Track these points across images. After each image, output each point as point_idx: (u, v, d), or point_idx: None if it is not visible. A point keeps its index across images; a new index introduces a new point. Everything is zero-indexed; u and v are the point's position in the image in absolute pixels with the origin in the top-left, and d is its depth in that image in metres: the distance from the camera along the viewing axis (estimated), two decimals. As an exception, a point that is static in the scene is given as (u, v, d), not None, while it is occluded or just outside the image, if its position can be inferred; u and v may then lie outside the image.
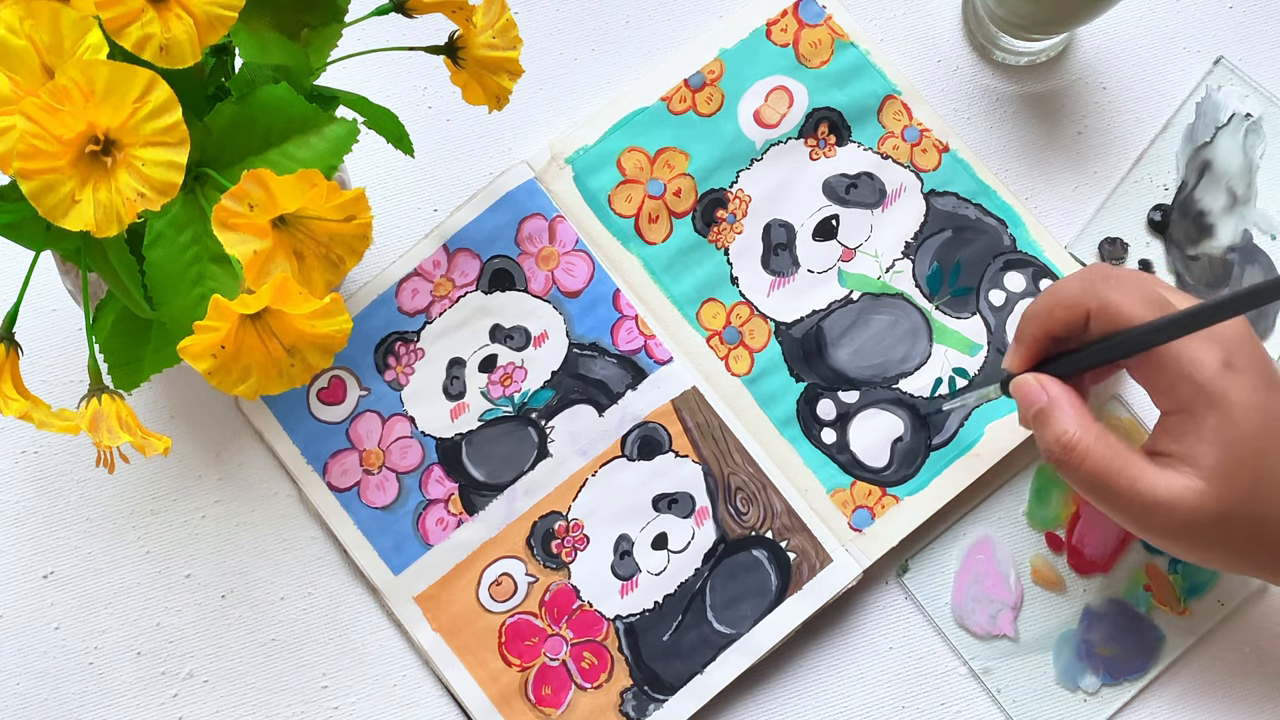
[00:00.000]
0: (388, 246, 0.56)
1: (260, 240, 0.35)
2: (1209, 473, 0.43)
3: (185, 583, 0.53)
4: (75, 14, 0.32)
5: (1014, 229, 0.56)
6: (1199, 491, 0.43)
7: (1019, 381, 0.47)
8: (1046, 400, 0.46)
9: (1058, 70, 0.59)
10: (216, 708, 0.52)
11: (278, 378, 0.37)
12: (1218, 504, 0.43)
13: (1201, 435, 0.43)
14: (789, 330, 0.55)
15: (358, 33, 0.48)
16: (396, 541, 0.53)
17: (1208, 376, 0.43)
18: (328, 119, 0.38)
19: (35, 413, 0.38)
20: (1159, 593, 0.54)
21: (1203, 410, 0.43)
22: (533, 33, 0.58)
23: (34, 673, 0.52)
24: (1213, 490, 0.43)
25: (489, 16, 0.45)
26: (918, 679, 0.53)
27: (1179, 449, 0.44)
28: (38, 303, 0.54)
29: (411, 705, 0.53)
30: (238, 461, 0.54)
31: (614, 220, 0.56)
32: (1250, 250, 0.56)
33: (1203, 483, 0.43)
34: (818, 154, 0.57)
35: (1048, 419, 0.45)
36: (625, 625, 0.52)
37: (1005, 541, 0.54)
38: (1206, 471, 0.43)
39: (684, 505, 0.53)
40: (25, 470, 0.54)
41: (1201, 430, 0.43)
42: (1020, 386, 0.47)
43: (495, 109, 0.47)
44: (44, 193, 0.32)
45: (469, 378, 0.54)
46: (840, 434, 0.54)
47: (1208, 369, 0.43)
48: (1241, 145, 0.57)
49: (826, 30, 0.58)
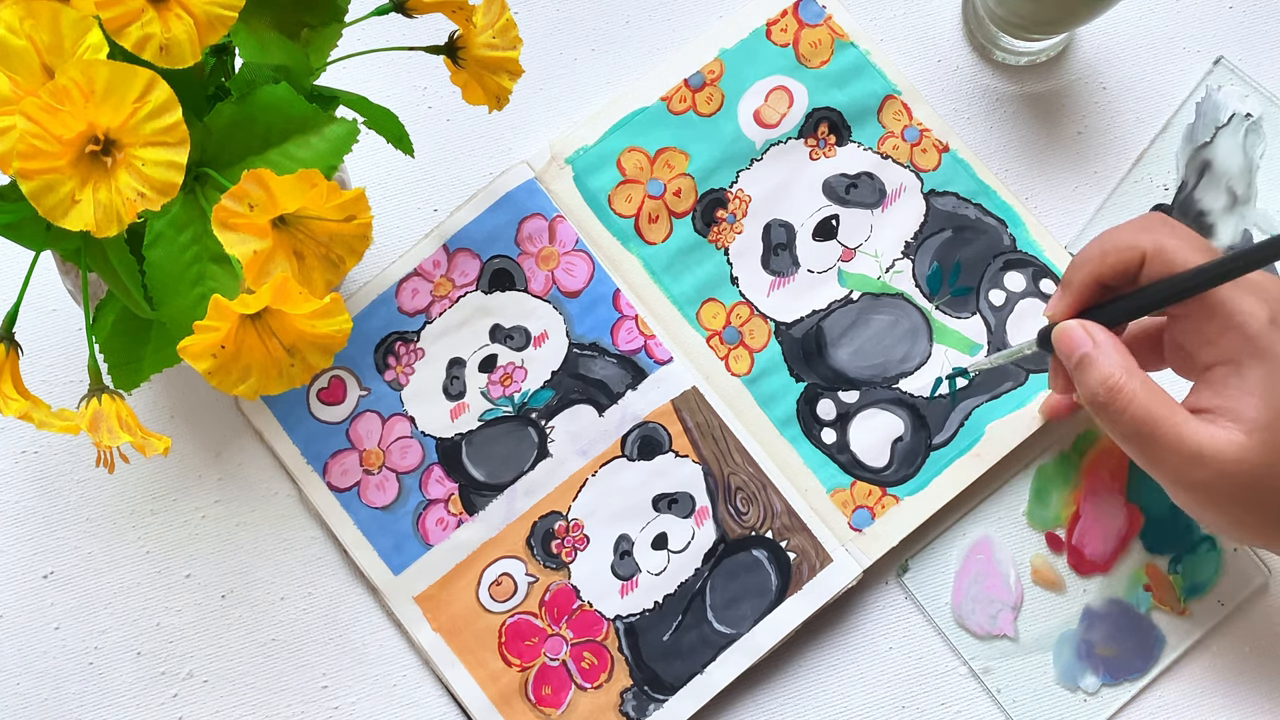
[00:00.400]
0: (388, 246, 0.56)
1: (260, 240, 0.35)
2: (1252, 425, 0.42)
3: (185, 583, 0.53)
4: (75, 14, 0.32)
5: (1014, 229, 0.56)
6: (1241, 445, 0.42)
7: (1063, 327, 0.46)
8: (1092, 345, 0.45)
9: (1058, 70, 0.59)
10: (216, 708, 0.52)
11: (278, 378, 0.37)
12: (1258, 458, 0.42)
13: (1247, 387, 0.43)
14: (789, 330, 0.55)
15: (358, 33, 0.48)
16: (396, 541, 0.53)
17: (1257, 329, 0.43)
18: (328, 119, 0.39)
19: (35, 413, 0.38)
20: (1159, 593, 0.54)
21: (1250, 362, 0.43)
22: (533, 33, 0.58)
23: (34, 673, 0.52)
24: (1255, 444, 0.42)
25: (489, 16, 0.45)
26: (918, 679, 0.53)
27: (1221, 402, 0.43)
28: (38, 303, 0.54)
29: (411, 705, 0.53)
30: (238, 461, 0.54)
31: (614, 220, 0.56)
32: (1250, 250, 0.56)
33: (1245, 436, 0.42)
34: (818, 154, 0.57)
35: (1093, 363, 0.44)
36: (625, 625, 0.52)
37: (1005, 541, 0.54)
38: (1249, 424, 0.43)
39: (684, 505, 0.53)
40: (25, 470, 0.54)
41: (1246, 382, 0.43)
42: (1064, 332, 0.46)
43: (495, 109, 0.47)
44: (44, 193, 0.32)
45: (469, 378, 0.54)
46: (840, 434, 0.54)
47: (1257, 321, 0.43)
48: (1241, 145, 0.57)
49: (826, 30, 0.58)
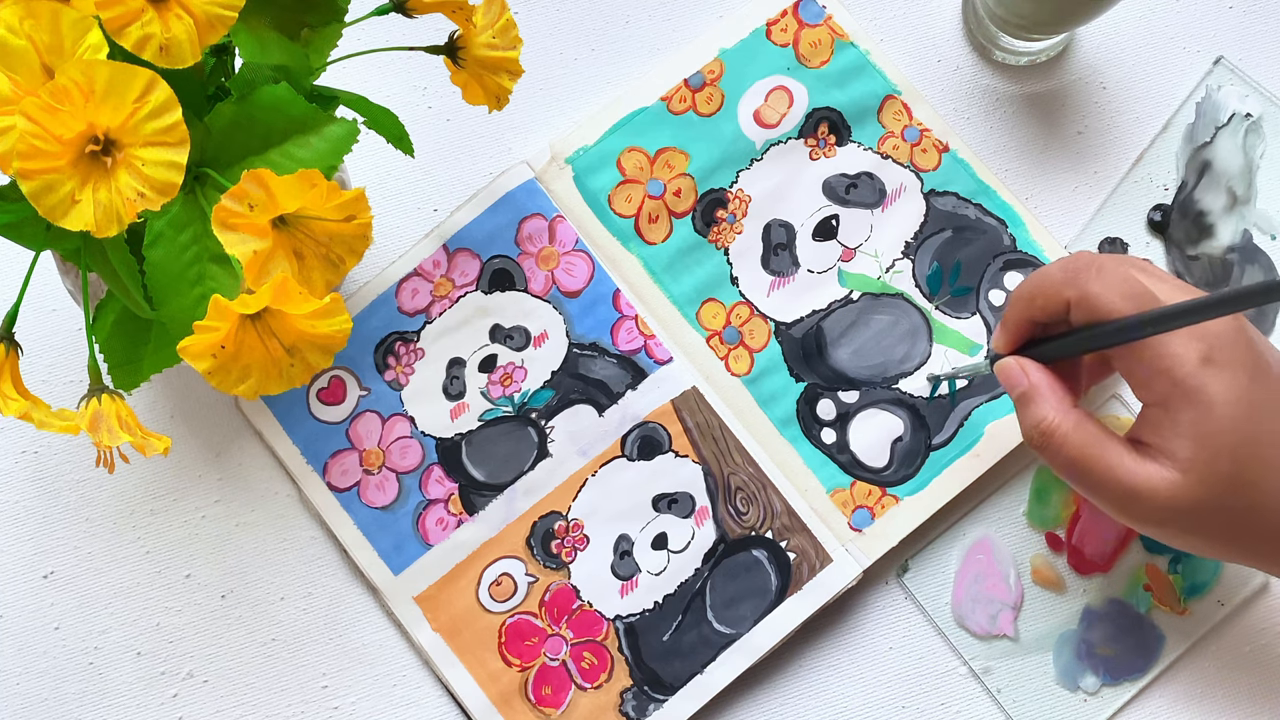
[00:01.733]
0: (388, 246, 0.56)
1: (260, 240, 0.35)
2: (1185, 465, 0.43)
3: (185, 583, 0.53)
4: (75, 14, 0.32)
5: (1014, 229, 0.56)
6: (1174, 483, 0.43)
7: (1002, 364, 0.48)
8: (1027, 385, 0.46)
9: (1058, 70, 0.59)
10: (216, 708, 0.52)
11: (278, 378, 0.37)
12: (1194, 496, 0.43)
13: (1178, 429, 0.43)
14: (789, 330, 0.55)
15: (358, 33, 0.48)
16: (396, 541, 0.53)
17: (1185, 372, 0.43)
18: (328, 119, 0.39)
19: (35, 413, 0.38)
20: (1159, 593, 0.54)
21: (1179, 405, 0.43)
22: (533, 33, 0.58)
23: (34, 673, 0.52)
24: (1188, 483, 0.43)
25: (489, 16, 0.45)
26: (918, 679, 0.53)
27: (1157, 440, 0.44)
28: (38, 303, 0.54)
29: (411, 705, 0.53)
30: (238, 461, 0.54)
31: (614, 220, 0.56)
32: (1250, 250, 0.56)
33: (1179, 475, 0.43)
34: (818, 154, 0.57)
35: (1028, 403, 0.46)
36: (625, 625, 0.52)
37: (1005, 541, 0.54)
38: (1183, 464, 0.43)
39: (684, 505, 0.53)
40: (25, 470, 0.54)
41: (1178, 424, 0.43)
42: (1003, 369, 0.48)
43: (495, 109, 0.47)
44: (44, 193, 0.32)
45: (469, 378, 0.54)
46: (840, 434, 0.54)
47: (1186, 364, 0.43)
48: (1241, 145, 0.57)
49: (826, 30, 0.58)
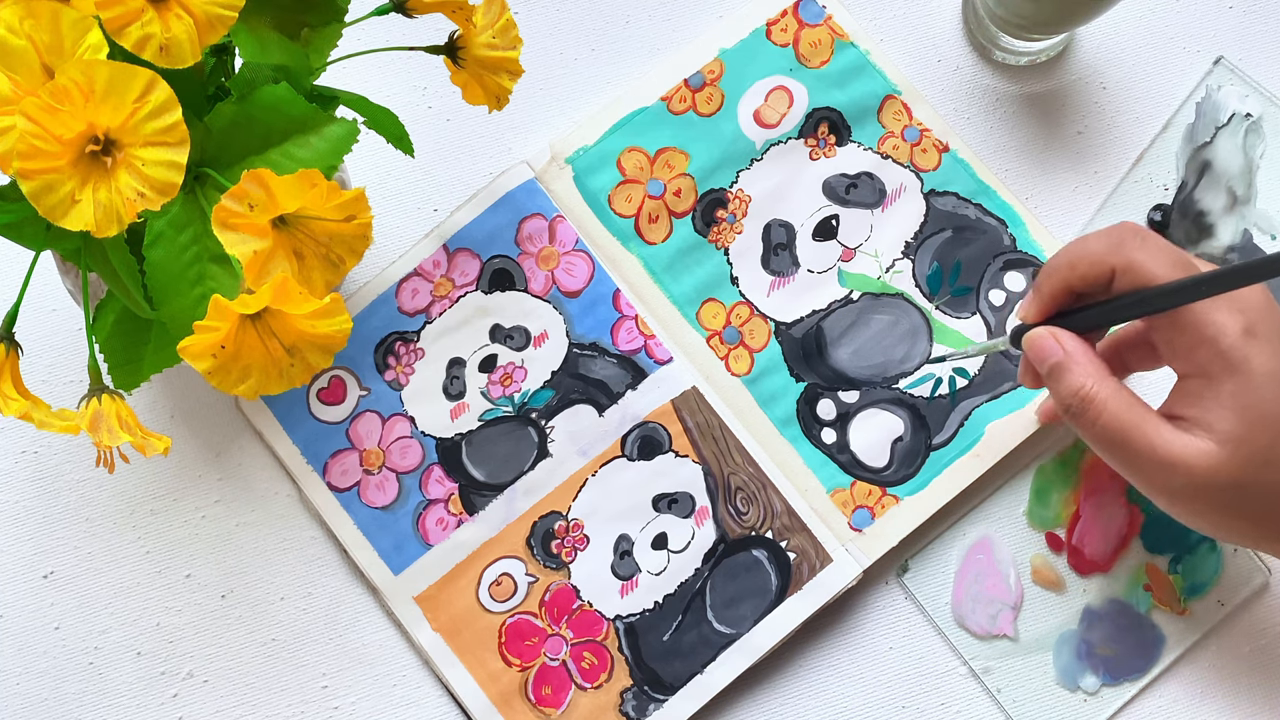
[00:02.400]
0: (388, 246, 0.56)
1: (260, 240, 0.35)
2: (1224, 437, 0.42)
3: (185, 583, 0.53)
4: (75, 14, 0.32)
5: (1014, 229, 0.56)
6: (1213, 455, 0.42)
7: (1033, 335, 0.46)
8: (1063, 354, 0.45)
9: (1058, 70, 0.59)
10: (216, 708, 0.52)
11: (278, 378, 0.37)
12: (1232, 469, 0.42)
13: (1219, 400, 0.43)
14: (789, 330, 0.55)
15: (358, 33, 0.48)
16: (396, 541, 0.53)
17: (1229, 342, 0.42)
18: (328, 119, 0.39)
19: (35, 413, 0.38)
20: (1159, 593, 0.54)
21: (1221, 375, 0.43)
22: (533, 33, 0.58)
23: (34, 673, 0.52)
24: (1227, 455, 0.42)
25: (489, 16, 0.45)
26: (918, 679, 0.53)
27: (1195, 413, 0.43)
28: (38, 303, 0.54)
29: (411, 705, 0.53)
30: (238, 461, 0.54)
31: (614, 220, 0.56)
32: (1250, 250, 0.56)
33: (1217, 447, 0.42)
34: (818, 154, 0.57)
35: (1064, 372, 0.45)
36: (625, 625, 0.52)
37: (1005, 541, 0.54)
38: (1222, 436, 0.42)
39: (684, 505, 0.53)
40: (25, 470, 0.54)
41: (1219, 395, 0.43)
42: (1034, 340, 0.46)
43: (495, 109, 0.47)
44: (44, 193, 0.32)
45: (469, 378, 0.54)
46: (840, 434, 0.54)
47: (1229, 334, 0.43)
48: (1241, 145, 0.57)
49: (826, 30, 0.58)
